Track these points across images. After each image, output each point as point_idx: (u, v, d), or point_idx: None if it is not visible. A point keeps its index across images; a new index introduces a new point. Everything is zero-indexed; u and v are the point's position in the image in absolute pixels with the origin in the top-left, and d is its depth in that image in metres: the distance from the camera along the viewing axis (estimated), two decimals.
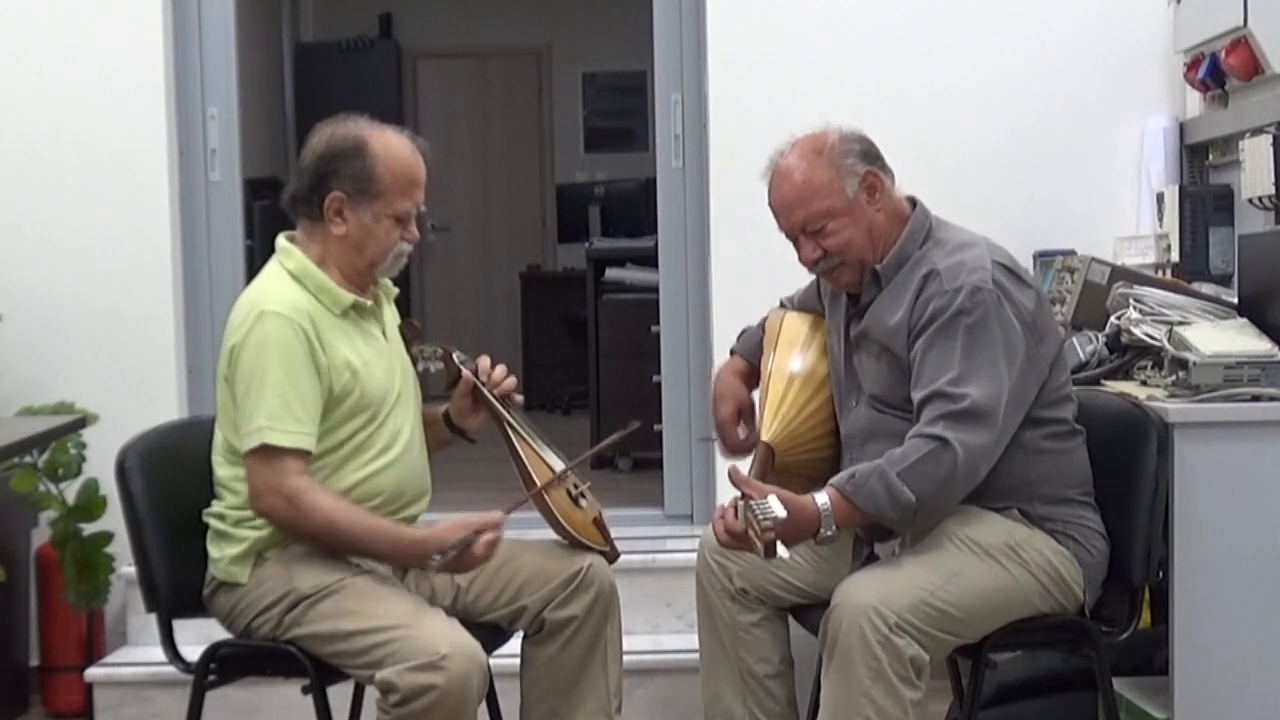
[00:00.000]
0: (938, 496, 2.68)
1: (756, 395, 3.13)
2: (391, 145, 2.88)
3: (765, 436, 2.96)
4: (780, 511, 2.56)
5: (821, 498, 2.67)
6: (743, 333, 3.28)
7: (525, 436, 3.03)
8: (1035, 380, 2.80)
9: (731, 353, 3.27)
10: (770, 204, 2.91)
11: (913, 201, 2.95)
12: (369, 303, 2.93)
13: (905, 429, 2.73)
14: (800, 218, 2.86)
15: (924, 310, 2.76)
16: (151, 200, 4.29)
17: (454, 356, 3.04)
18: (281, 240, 2.94)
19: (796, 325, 3.15)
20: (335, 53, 8.90)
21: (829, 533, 2.67)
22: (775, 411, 2.99)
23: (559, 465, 3.04)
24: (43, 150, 4.28)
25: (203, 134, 4.41)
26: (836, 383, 3.01)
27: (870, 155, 2.87)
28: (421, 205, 2.92)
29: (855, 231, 2.84)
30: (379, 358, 2.92)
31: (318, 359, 2.80)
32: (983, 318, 2.72)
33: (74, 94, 4.27)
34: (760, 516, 2.54)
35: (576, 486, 3.06)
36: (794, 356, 3.07)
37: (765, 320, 3.24)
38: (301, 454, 2.77)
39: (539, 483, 2.97)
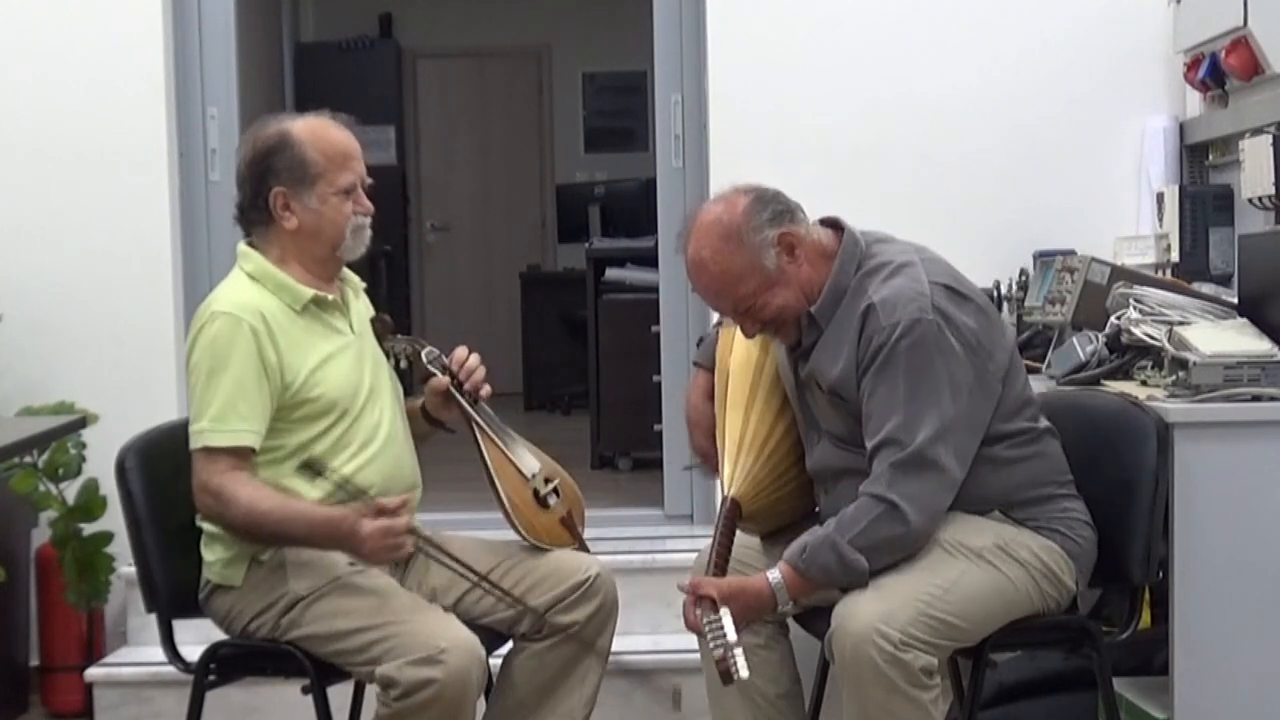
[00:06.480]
0: (893, 555, 2.68)
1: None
2: (314, 127, 2.90)
3: (729, 490, 2.89)
4: (732, 635, 2.61)
5: (774, 574, 2.70)
6: (700, 340, 3.23)
7: (494, 438, 3.01)
8: (988, 402, 2.75)
9: (695, 364, 3.17)
10: (694, 290, 2.88)
11: (837, 225, 2.87)
12: (330, 296, 2.92)
13: None
14: (729, 305, 2.82)
15: (867, 348, 2.71)
16: (151, 200, 4.29)
17: (423, 356, 3.02)
18: (241, 246, 2.96)
19: (746, 349, 3.02)
20: (335, 52, 8.90)
21: (786, 608, 2.72)
22: (735, 461, 2.91)
23: (532, 465, 3.03)
24: (43, 150, 4.28)
25: (203, 134, 4.41)
26: (797, 416, 2.95)
27: (778, 214, 2.78)
28: (365, 177, 2.92)
29: (787, 294, 2.78)
30: (343, 352, 2.90)
31: (265, 355, 2.79)
32: (923, 353, 2.67)
33: (74, 94, 4.27)
34: (712, 643, 2.60)
35: (549, 482, 3.05)
36: (745, 390, 2.97)
37: (716, 332, 3.13)
38: (239, 451, 2.76)
39: (500, 488, 2.97)
